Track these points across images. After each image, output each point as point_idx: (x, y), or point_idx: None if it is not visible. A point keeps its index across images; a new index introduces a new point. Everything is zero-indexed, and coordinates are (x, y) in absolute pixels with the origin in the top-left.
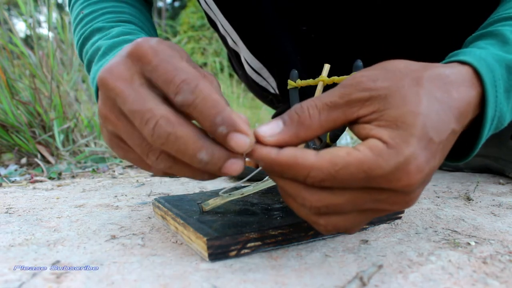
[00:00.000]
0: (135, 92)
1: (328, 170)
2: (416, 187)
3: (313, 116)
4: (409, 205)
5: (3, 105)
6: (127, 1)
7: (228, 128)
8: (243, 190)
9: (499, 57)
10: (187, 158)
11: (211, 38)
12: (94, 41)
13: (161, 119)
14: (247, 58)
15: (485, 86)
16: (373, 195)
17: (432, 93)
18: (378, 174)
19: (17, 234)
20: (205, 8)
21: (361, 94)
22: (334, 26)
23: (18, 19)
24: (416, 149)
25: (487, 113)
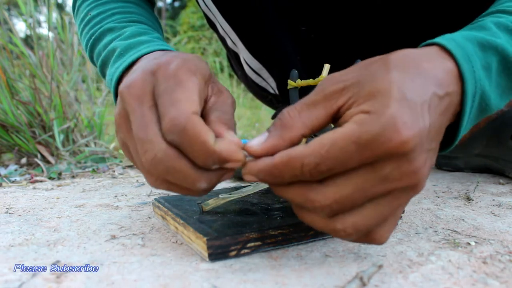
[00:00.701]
0: (142, 116)
1: (318, 152)
2: (412, 148)
3: (293, 116)
4: (418, 176)
5: (3, 105)
6: (133, 1)
7: (220, 164)
8: (243, 190)
9: (469, 35)
10: (187, 187)
11: (211, 38)
12: (106, 42)
13: (159, 152)
14: (246, 58)
15: (457, 60)
16: (376, 172)
17: (401, 67)
18: (367, 140)
19: (17, 234)
20: (204, 9)
21: (335, 86)
22: (334, 26)
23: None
24: (398, 108)
25: (466, 87)
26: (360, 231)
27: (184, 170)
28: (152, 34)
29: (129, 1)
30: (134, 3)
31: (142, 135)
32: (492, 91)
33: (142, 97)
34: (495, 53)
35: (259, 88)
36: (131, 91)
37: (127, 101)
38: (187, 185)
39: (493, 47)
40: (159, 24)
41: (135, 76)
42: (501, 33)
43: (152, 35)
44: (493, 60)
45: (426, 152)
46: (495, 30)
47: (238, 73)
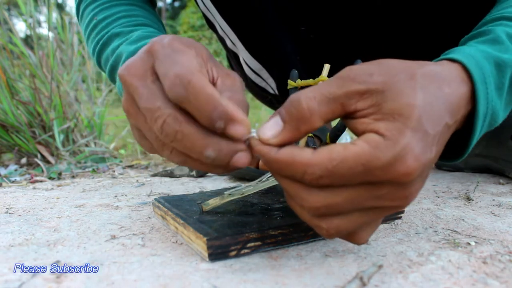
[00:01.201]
0: (147, 89)
1: (325, 166)
2: (414, 179)
3: (312, 109)
4: (408, 200)
5: (3, 105)
6: (137, 4)
7: (225, 122)
8: (243, 190)
9: (487, 54)
10: (195, 155)
11: (211, 38)
12: (114, 47)
13: (168, 117)
14: (246, 59)
15: (474, 83)
16: (373, 191)
17: (426, 87)
18: (376, 166)
19: (17, 234)
20: (203, 10)
21: (358, 86)
22: (333, 26)
23: (18, 19)
24: (412, 140)
25: (478, 109)
26: (342, 233)
27: (192, 134)
28: None
29: (133, 4)
30: (138, 6)
31: (150, 104)
32: (501, 108)
33: (143, 74)
34: (509, 71)
35: (259, 89)
36: (131, 71)
37: (128, 82)
38: (195, 154)
39: (508, 66)
40: (162, 25)
41: (133, 58)
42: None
43: None
44: (506, 78)
45: (422, 181)
46: (508, 44)
47: (237, 74)
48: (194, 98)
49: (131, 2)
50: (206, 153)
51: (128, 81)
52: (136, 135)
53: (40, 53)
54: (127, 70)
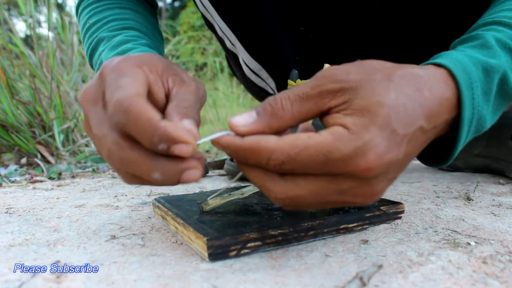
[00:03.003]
0: (97, 115)
1: (288, 152)
2: (375, 176)
3: (286, 107)
4: (372, 198)
5: (3, 105)
6: (130, 7)
7: (167, 144)
8: (243, 190)
9: (475, 59)
10: (144, 177)
11: (211, 38)
12: (99, 52)
13: (112, 144)
14: (245, 59)
15: (460, 88)
16: (335, 184)
17: (402, 88)
18: (336, 157)
19: (17, 234)
20: (202, 10)
21: (332, 85)
22: (332, 27)
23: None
24: (377, 136)
25: (463, 114)
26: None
27: (137, 159)
28: (138, 41)
29: (126, 7)
30: (131, 9)
31: (98, 131)
32: (488, 113)
33: (95, 99)
34: (496, 77)
35: (259, 89)
36: (86, 97)
37: (84, 107)
38: (145, 176)
39: (496, 71)
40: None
41: (89, 83)
42: (502, 52)
43: (139, 41)
44: (494, 84)
45: (387, 180)
46: (497, 49)
47: (237, 74)
48: (135, 123)
49: (125, 5)
50: (153, 176)
51: (83, 107)
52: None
53: (40, 53)
54: (84, 95)
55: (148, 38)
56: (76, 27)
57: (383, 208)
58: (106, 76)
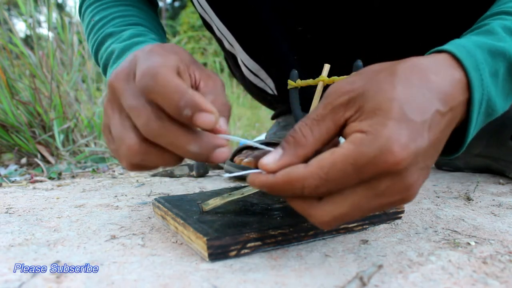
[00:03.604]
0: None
1: (318, 175)
2: (406, 167)
3: (306, 133)
4: (410, 192)
5: (3, 105)
6: (133, 5)
7: (192, 110)
8: (243, 190)
9: (480, 42)
10: (180, 151)
11: (211, 38)
12: (107, 46)
13: (152, 114)
14: (244, 60)
15: (466, 69)
16: (372, 189)
17: (407, 79)
18: (364, 162)
19: (17, 234)
20: (200, 11)
21: (342, 99)
22: (330, 27)
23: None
24: (395, 129)
25: (473, 96)
26: None
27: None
28: (148, 35)
29: (129, 4)
30: (135, 6)
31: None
32: (498, 96)
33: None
34: (503, 59)
35: (258, 89)
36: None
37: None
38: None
39: (502, 54)
40: (159, 24)
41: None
42: (509, 38)
43: (149, 36)
44: (501, 66)
45: (420, 170)
46: (503, 34)
47: (236, 75)
48: (162, 88)
49: (128, 2)
50: (190, 147)
51: (115, 85)
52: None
53: (40, 53)
54: (115, 76)
55: (153, 33)
56: (76, 27)
57: None
58: (138, 56)
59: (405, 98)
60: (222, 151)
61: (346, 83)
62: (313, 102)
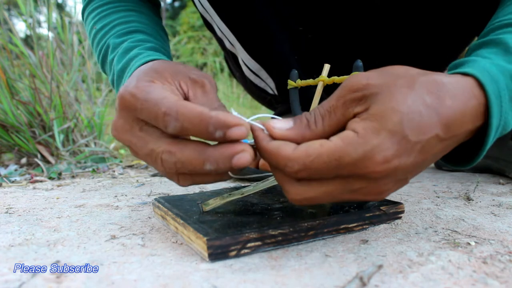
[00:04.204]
0: (137, 138)
1: (303, 161)
2: (383, 177)
3: (318, 122)
4: (380, 197)
5: (3, 105)
6: (134, 9)
7: (223, 130)
8: (243, 190)
9: (503, 68)
10: (199, 172)
11: (211, 38)
12: (110, 61)
13: (163, 154)
14: (244, 59)
15: (488, 97)
16: (347, 185)
17: (421, 96)
18: (347, 162)
19: (17, 234)
20: (201, 11)
21: (355, 94)
22: (331, 26)
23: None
24: (386, 141)
25: (491, 124)
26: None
27: (188, 158)
28: (143, 45)
29: (131, 9)
30: (136, 11)
31: (144, 152)
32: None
33: (128, 128)
34: None
35: (258, 89)
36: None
37: (122, 139)
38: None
39: None
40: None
41: (116, 118)
42: None
43: (144, 45)
44: None
45: (397, 181)
46: None
47: (236, 75)
48: (188, 124)
49: (129, 7)
50: (206, 167)
51: (121, 139)
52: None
53: (40, 53)
54: (116, 130)
55: (153, 39)
56: (76, 27)
57: (383, 208)
58: (132, 104)
59: (409, 114)
60: (242, 156)
61: (363, 78)
62: (313, 102)
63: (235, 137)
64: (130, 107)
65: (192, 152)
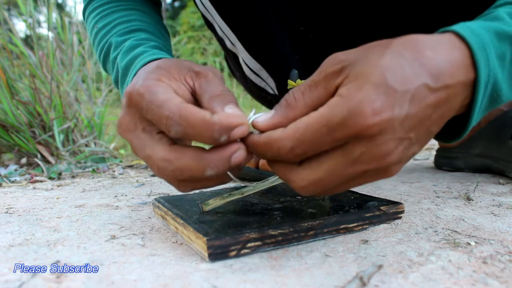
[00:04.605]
0: (138, 139)
1: (293, 136)
2: (378, 132)
3: (298, 97)
4: (385, 161)
5: (3, 105)
6: (136, 8)
7: (227, 134)
8: (243, 190)
9: (486, 25)
10: (199, 179)
11: (211, 38)
12: (113, 59)
13: (160, 162)
14: (245, 59)
15: (472, 48)
16: (347, 154)
17: (399, 52)
18: (335, 124)
19: (17, 234)
20: (202, 10)
21: (335, 67)
22: (332, 26)
23: (18, 19)
24: (371, 94)
25: (479, 76)
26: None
27: (186, 166)
28: (147, 44)
29: (132, 8)
30: (137, 10)
31: (142, 154)
32: (504, 81)
33: (133, 127)
34: (510, 43)
35: (258, 89)
36: (122, 127)
37: (124, 136)
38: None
39: (509, 37)
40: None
41: (122, 115)
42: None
43: (148, 44)
44: (507, 49)
45: (398, 140)
46: (509, 20)
47: (236, 74)
48: (192, 129)
49: (130, 6)
50: (206, 173)
51: (124, 136)
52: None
53: (40, 53)
54: (120, 127)
55: (156, 38)
56: (76, 27)
57: (383, 208)
58: (138, 102)
59: (390, 67)
60: (238, 154)
61: (341, 53)
62: None
63: (238, 137)
64: (136, 105)
65: (190, 159)
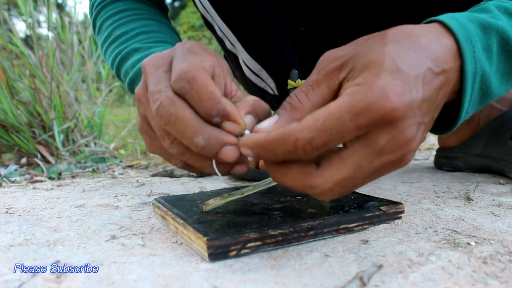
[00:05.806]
0: (157, 75)
1: (313, 126)
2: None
3: (302, 99)
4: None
5: (3, 105)
6: (153, 18)
7: (222, 119)
8: (243, 190)
9: (471, 16)
10: (186, 141)
11: (211, 38)
12: (134, 61)
13: (165, 99)
14: (245, 60)
15: (457, 38)
16: (371, 145)
17: (398, 41)
18: (360, 109)
19: (17, 234)
20: (202, 11)
21: (334, 63)
22: (332, 27)
23: (18, 19)
24: (390, 79)
25: (466, 65)
26: None
27: (185, 119)
28: None
29: (150, 18)
30: (155, 19)
31: (153, 87)
32: (493, 74)
33: (159, 65)
34: (496, 35)
35: (258, 89)
36: (151, 61)
37: (146, 69)
38: (187, 139)
39: (494, 29)
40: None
41: (156, 53)
42: (502, 16)
43: None
44: (493, 42)
45: (418, 125)
46: (496, 12)
47: (236, 75)
48: (197, 93)
49: (148, 16)
50: (196, 139)
51: (146, 69)
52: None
53: (40, 53)
54: (149, 60)
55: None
56: (76, 27)
57: (383, 208)
58: (177, 50)
59: (397, 54)
60: (230, 150)
61: (337, 50)
62: None
63: (227, 129)
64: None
65: (191, 117)
